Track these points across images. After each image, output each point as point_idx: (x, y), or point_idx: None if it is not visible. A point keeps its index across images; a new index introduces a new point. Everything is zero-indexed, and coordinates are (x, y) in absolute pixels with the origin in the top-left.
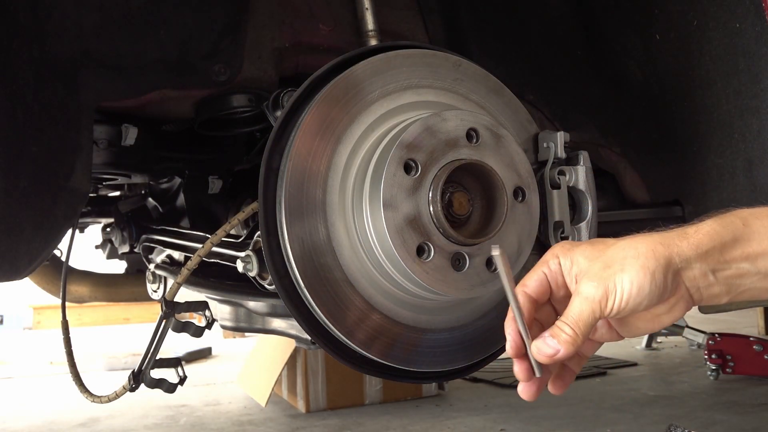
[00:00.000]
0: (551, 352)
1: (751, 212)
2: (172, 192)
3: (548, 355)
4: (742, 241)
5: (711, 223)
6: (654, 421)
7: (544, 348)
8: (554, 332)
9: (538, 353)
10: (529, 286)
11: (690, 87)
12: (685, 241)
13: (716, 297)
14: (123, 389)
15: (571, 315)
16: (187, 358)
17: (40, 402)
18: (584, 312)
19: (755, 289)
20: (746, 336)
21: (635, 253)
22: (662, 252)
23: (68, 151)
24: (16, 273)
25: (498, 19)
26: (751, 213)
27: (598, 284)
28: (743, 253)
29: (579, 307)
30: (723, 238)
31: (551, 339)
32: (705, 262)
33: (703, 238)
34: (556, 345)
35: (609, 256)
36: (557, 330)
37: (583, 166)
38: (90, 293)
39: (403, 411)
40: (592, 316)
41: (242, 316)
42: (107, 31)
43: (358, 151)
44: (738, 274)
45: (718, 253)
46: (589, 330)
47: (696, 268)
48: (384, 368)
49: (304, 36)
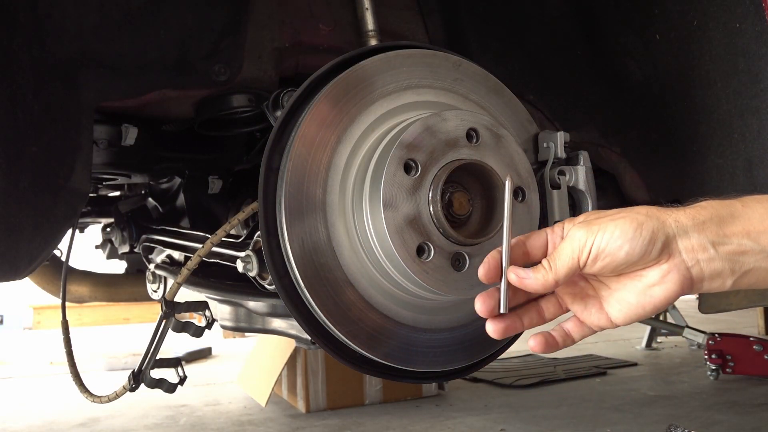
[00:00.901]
0: (522, 274)
1: (751, 197)
2: (172, 192)
3: (519, 276)
4: (742, 218)
5: (708, 200)
6: (654, 421)
7: (518, 270)
8: (534, 267)
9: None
10: (529, 236)
11: (690, 87)
12: (682, 211)
13: (719, 275)
14: (123, 389)
15: (554, 253)
16: (187, 358)
17: (40, 402)
18: (564, 249)
19: (760, 269)
20: (746, 336)
21: (629, 210)
22: (656, 213)
23: (68, 151)
24: (16, 273)
25: (498, 19)
26: (751, 197)
27: (582, 227)
28: (744, 229)
29: (561, 246)
30: (720, 213)
31: (528, 269)
32: (703, 233)
33: (699, 210)
34: (528, 272)
35: (604, 213)
36: (537, 265)
37: (583, 166)
38: (90, 293)
39: (403, 411)
40: (570, 255)
41: (242, 316)
42: (107, 31)
43: (358, 151)
44: (740, 250)
45: (716, 225)
46: (566, 270)
47: (693, 237)
48: (384, 368)
49: (304, 36)
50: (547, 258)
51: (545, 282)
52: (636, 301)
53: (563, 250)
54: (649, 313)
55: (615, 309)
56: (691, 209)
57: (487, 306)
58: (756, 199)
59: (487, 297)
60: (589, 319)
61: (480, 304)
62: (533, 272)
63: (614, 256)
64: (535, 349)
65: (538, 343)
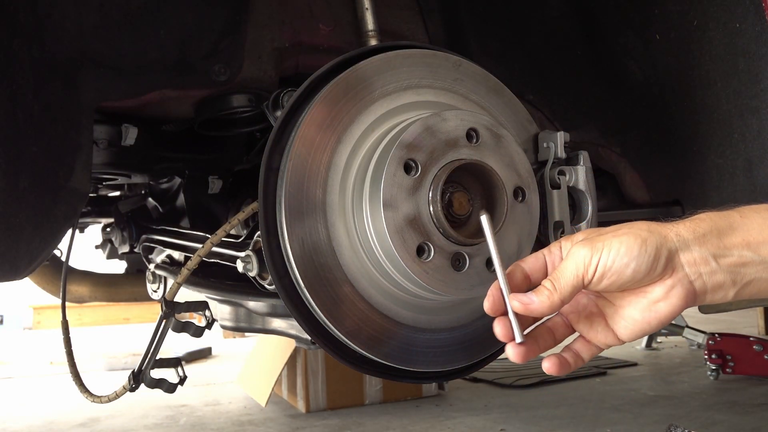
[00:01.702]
0: (526, 300)
1: (749, 207)
2: (172, 192)
3: (522, 303)
4: (741, 230)
5: (707, 212)
6: (654, 421)
7: (521, 297)
8: (536, 289)
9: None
10: (526, 261)
11: (690, 87)
12: (681, 225)
13: (721, 287)
14: (123, 389)
15: (555, 272)
16: (187, 358)
17: (39, 402)
18: (567, 268)
19: (761, 280)
20: (746, 336)
21: (629, 225)
22: (657, 228)
23: (68, 151)
24: (16, 273)
25: (498, 19)
26: (749, 207)
27: (584, 245)
28: (744, 240)
29: (563, 265)
30: (719, 225)
31: (530, 293)
32: (704, 246)
33: (699, 222)
34: (531, 296)
35: (604, 230)
36: (539, 287)
37: (583, 166)
38: (90, 293)
39: (403, 411)
40: (574, 273)
41: (242, 316)
42: (107, 31)
43: (358, 151)
44: (741, 262)
45: (716, 238)
46: (570, 288)
47: (695, 251)
48: (384, 368)
49: (304, 36)
50: (549, 278)
51: (551, 303)
52: (641, 318)
53: (566, 269)
54: (655, 328)
55: (621, 326)
56: (690, 222)
57: (506, 331)
58: (754, 209)
59: (506, 321)
60: (596, 338)
61: (500, 329)
62: (537, 296)
63: (621, 273)
64: (550, 371)
65: (553, 365)
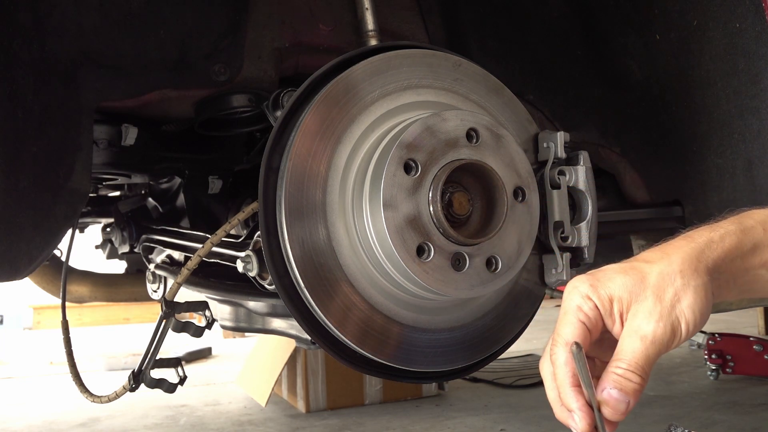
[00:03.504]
0: (623, 408)
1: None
2: (172, 192)
3: (622, 411)
4: (761, 249)
5: (734, 230)
6: (654, 421)
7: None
8: (620, 383)
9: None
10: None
11: (690, 87)
12: (715, 252)
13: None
14: (123, 389)
15: (635, 360)
16: (187, 358)
17: (39, 402)
18: (651, 356)
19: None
20: (746, 336)
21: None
22: (703, 269)
23: (68, 151)
24: (16, 273)
25: (498, 19)
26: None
27: (659, 320)
28: (761, 260)
29: (644, 352)
30: (744, 247)
31: (618, 392)
32: (729, 272)
33: (728, 248)
34: (624, 398)
35: (654, 285)
36: (622, 380)
37: (583, 166)
38: (90, 293)
39: (403, 411)
40: (657, 357)
41: (242, 316)
42: (107, 31)
43: (358, 151)
44: (754, 280)
45: (740, 260)
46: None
47: (722, 277)
48: (384, 368)
49: (304, 36)
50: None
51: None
52: None
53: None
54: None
55: None
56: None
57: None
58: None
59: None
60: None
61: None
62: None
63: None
64: None
65: None
